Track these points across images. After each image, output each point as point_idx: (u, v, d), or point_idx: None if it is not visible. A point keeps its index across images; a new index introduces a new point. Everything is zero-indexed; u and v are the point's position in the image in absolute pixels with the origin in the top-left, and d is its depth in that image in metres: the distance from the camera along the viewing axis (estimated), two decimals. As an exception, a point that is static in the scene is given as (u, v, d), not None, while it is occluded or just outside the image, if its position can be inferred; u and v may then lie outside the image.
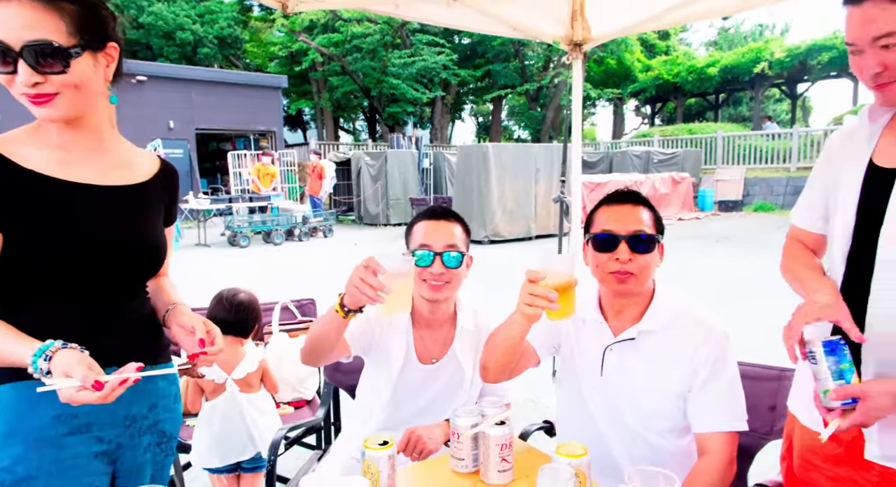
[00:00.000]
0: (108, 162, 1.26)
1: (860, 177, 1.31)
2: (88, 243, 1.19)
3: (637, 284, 1.54)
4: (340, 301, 1.47)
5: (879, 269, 1.25)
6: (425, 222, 1.80)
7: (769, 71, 23.04)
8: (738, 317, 5.49)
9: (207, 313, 2.38)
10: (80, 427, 1.20)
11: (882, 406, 1.17)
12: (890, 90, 1.21)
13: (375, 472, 1.29)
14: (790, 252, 1.53)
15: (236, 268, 9.50)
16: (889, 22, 1.14)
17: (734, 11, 2.99)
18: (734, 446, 1.51)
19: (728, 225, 14.05)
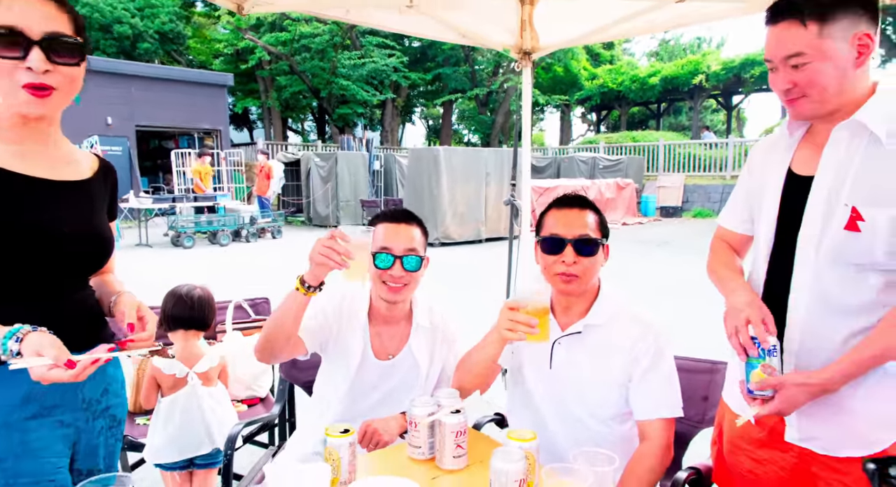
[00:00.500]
0: (55, 157, 1.29)
1: (780, 185, 1.45)
2: (43, 235, 1.21)
3: (581, 285, 1.66)
4: (300, 279, 1.56)
5: (798, 268, 1.38)
6: (386, 224, 1.84)
7: (706, 83, 24.11)
8: (676, 315, 5.77)
9: (162, 309, 2.37)
10: (44, 410, 1.23)
11: (796, 396, 1.31)
12: (799, 105, 1.34)
13: (337, 459, 1.34)
14: (715, 251, 1.67)
15: (181, 269, 9.25)
16: (797, 43, 1.26)
17: (672, 27, 3.18)
18: (671, 431, 1.64)
19: (668, 230, 14.63)
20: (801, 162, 1.43)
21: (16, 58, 1.12)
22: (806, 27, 1.25)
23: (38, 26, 1.14)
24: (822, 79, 1.27)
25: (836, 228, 1.31)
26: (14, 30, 1.12)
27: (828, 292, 1.35)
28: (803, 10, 1.25)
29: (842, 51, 1.25)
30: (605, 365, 1.66)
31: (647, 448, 1.62)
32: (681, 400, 1.66)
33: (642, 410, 1.64)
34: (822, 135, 1.39)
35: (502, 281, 4.45)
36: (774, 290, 1.44)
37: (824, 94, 1.29)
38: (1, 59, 1.12)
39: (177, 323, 2.37)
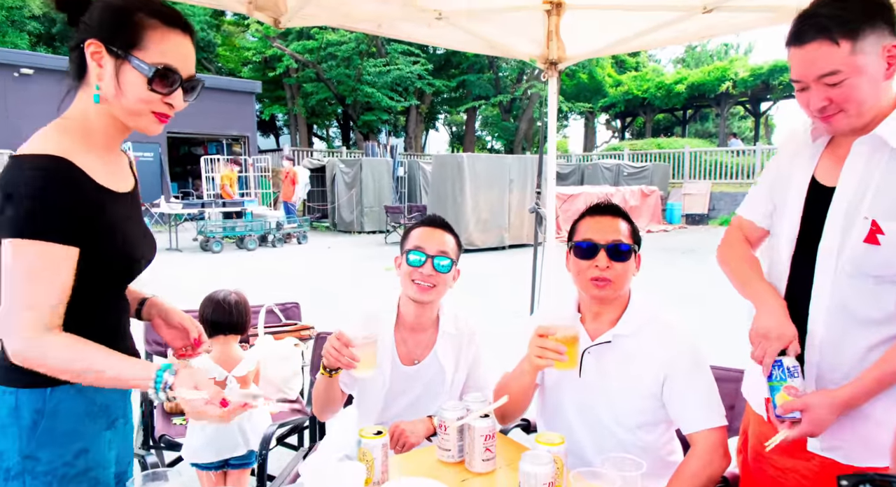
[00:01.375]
0: (119, 166, 1.34)
1: (803, 193, 1.46)
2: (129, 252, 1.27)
3: (614, 290, 1.67)
4: (323, 366, 1.76)
5: (818, 279, 1.40)
6: (422, 228, 1.93)
7: (734, 89, 23.82)
8: (700, 323, 5.73)
9: (200, 315, 2.45)
10: (112, 422, 1.30)
11: (823, 416, 1.32)
12: (836, 120, 1.33)
13: (370, 459, 1.40)
14: (731, 243, 1.66)
15: (210, 273, 9.44)
16: (830, 61, 1.26)
17: (700, 38, 3.19)
18: (722, 438, 1.61)
19: (694, 237, 14.46)
20: (824, 171, 1.44)
21: (162, 93, 1.21)
22: (839, 45, 1.25)
23: (187, 69, 1.23)
24: (859, 94, 1.28)
25: (855, 241, 1.33)
26: (177, 73, 1.21)
27: (848, 303, 1.36)
28: (832, 28, 1.25)
29: (874, 64, 1.26)
30: (634, 374, 1.67)
31: (694, 453, 1.61)
32: (723, 408, 1.65)
33: (689, 422, 1.63)
34: (843, 146, 1.40)
35: (526, 288, 4.48)
36: (795, 299, 1.45)
37: (861, 108, 1.30)
38: (155, 93, 1.20)
39: (216, 328, 2.44)
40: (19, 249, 1.10)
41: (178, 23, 1.21)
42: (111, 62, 1.18)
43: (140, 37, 1.17)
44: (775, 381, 1.36)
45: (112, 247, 1.22)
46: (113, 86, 1.18)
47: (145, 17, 1.18)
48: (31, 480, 1.17)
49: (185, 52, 1.23)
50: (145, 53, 1.18)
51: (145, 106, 1.21)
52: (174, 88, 1.22)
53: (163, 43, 1.19)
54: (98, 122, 1.23)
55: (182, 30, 1.22)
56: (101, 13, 1.19)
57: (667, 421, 1.73)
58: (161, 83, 1.20)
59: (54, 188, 1.11)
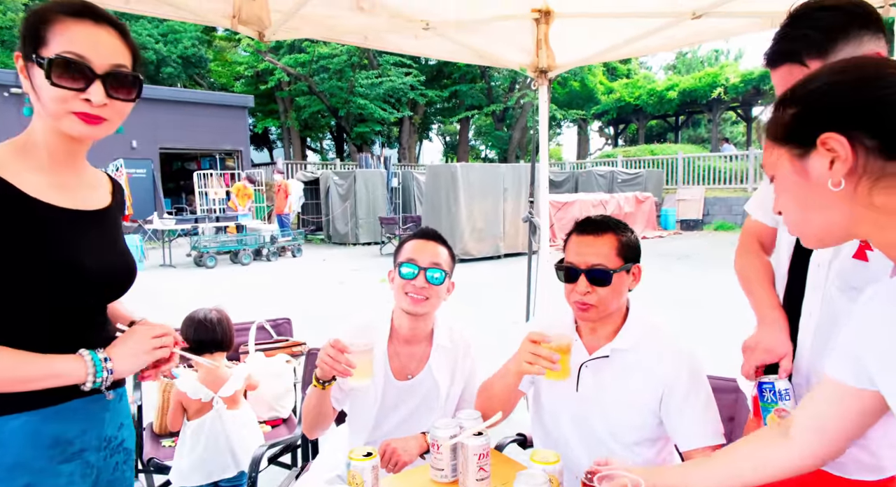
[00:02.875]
0: (85, 185, 1.28)
1: None
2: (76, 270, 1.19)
3: (597, 314, 1.62)
4: (315, 378, 1.73)
5: (808, 292, 1.37)
6: (415, 240, 1.90)
7: (725, 95, 23.99)
8: (697, 331, 5.70)
9: (183, 336, 2.38)
10: (73, 455, 1.21)
11: None
12: None
13: (360, 482, 1.35)
14: (745, 250, 1.61)
15: (205, 289, 9.37)
16: None
17: (689, 44, 3.19)
18: None
19: (689, 243, 14.49)
20: None
21: (76, 89, 1.11)
22: (808, 67, 1.21)
23: (104, 59, 1.13)
24: None
25: (844, 256, 1.30)
26: (82, 61, 1.11)
27: (836, 317, 1.33)
28: (799, 51, 1.22)
29: None
30: (632, 389, 1.63)
31: None
32: (721, 426, 1.62)
33: (687, 440, 1.60)
34: None
35: (521, 297, 4.44)
36: (790, 309, 1.42)
37: None
38: (61, 88, 1.10)
39: (200, 347, 2.40)
40: None
41: (86, 13, 1.13)
42: (32, 69, 1.13)
43: (43, 34, 1.11)
44: (767, 403, 1.34)
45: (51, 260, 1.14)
46: (33, 93, 1.13)
47: (50, 13, 1.12)
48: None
49: (96, 41, 1.13)
50: (47, 48, 1.11)
51: (59, 105, 1.12)
52: (86, 81, 1.12)
53: (65, 33, 1.11)
54: (43, 138, 1.18)
55: (94, 20, 1.14)
56: (22, 27, 1.15)
57: (665, 437, 1.70)
58: (64, 76, 1.10)
59: None
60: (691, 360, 1.64)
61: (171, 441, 2.57)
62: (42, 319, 1.17)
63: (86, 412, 1.24)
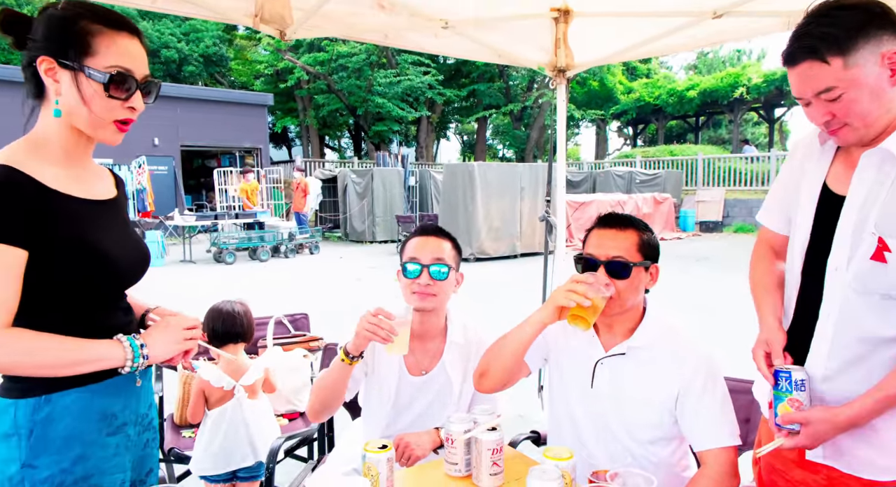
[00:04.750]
0: (95, 176, 1.35)
1: (815, 200, 1.42)
2: (105, 256, 1.25)
3: (615, 307, 1.61)
4: (344, 350, 1.71)
5: (826, 294, 1.36)
6: (417, 238, 1.91)
7: (747, 95, 23.65)
8: (714, 333, 5.64)
9: (206, 326, 2.45)
10: (118, 428, 1.30)
11: (822, 432, 1.30)
12: (843, 134, 1.30)
13: (375, 474, 1.37)
14: (757, 261, 1.63)
15: (224, 284, 9.49)
16: (825, 79, 1.23)
17: (711, 44, 3.16)
18: (732, 458, 1.58)
19: (708, 245, 14.33)
20: (835, 178, 1.40)
21: (121, 98, 1.20)
22: (829, 64, 1.22)
23: (141, 70, 1.23)
24: (860, 107, 1.24)
25: (862, 257, 1.29)
26: (130, 74, 1.20)
27: (855, 320, 1.32)
28: (819, 48, 1.22)
29: (873, 74, 1.22)
30: (648, 387, 1.63)
31: (704, 473, 1.57)
32: (737, 427, 1.61)
33: (700, 440, 1.59)
34: (856, 151, 1.35)
35: (537, 296, 4.44)
36: (805, 312, 1.42)
37: (867, 120, 1.26)
38: (110, 98, 1.19)
39: (223, 338, 2.46)
40: None
41: (123, 25, 1.20)
42: (67, 75, 1.17)
43: (88, 43, 1.17)
44: (781, 391, 1.34)
45: (80, 246, 1.21)
46: (75, 99, 1.18)
47: (89, 23, 1.17)
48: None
49: (135, 53, 1.22)
50: (96, 60, 1.17)
51: (108, 114, 1.21)
52: (132, 92, 1.22)
53: (112, 46, 1.18)
54: (55, 135, 1.23)
55: (129, 32, 1.21)
56: (45, 27, 1.18)
57: (680, 437, 1.69)
58: (117, 88, 1.19)
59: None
60: (709, 361, 1.63)
61: (191, 431, 2.62)
62: (71, 304, 1.23)
63: (126, 388, 1.32)
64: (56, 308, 1.21)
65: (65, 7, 1.19)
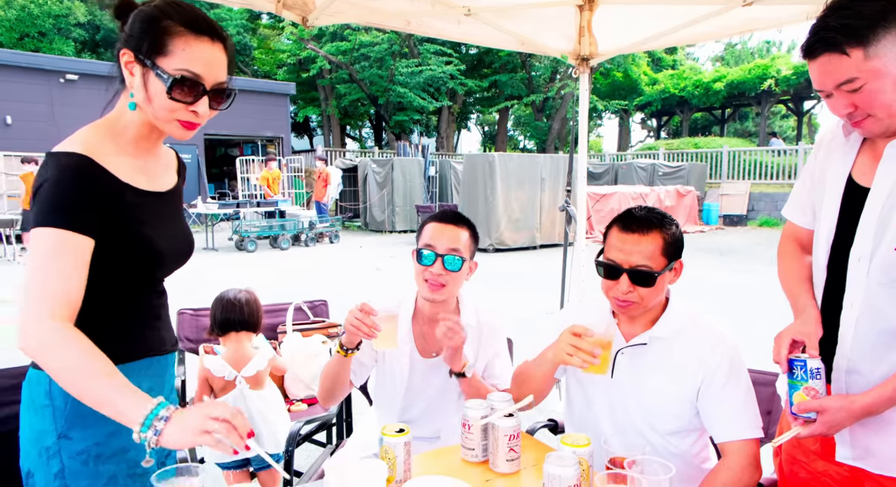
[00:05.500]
0: (161, 166, 1.38)
1: (840, 192, 1.40)
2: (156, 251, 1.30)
3: (638, 309, 1.60)
4: (339, 344, 1.76)
5: (850, 285, 1.35)
6: (434, 224, 1.88)
7: (776, 87, 23.16)
8: (736, 326, 5.58)
9: (212, 315, 2.47)
10: None
11: (838, 420, 1.29)
12: (867, 125, 1.29)
13: (392, 457, 1.38)
14: (784, 255, 1.62)
15: (246, 272, 9.62)
16: (845, 71, 1.22)
17: (740, 33, 3.10)
18: (754, 450, 1.56)
19: (732, 238, 14.13)
20: (860, 170, 1.39)
21: (186, 102, 1.21)
22: (849, 55, 1.21)
23: (213, 77, 1.23)
24: (884, 97, 1.22)
25: (886, 248, 1.28)
26: (197, 80, 1.20)
27: (878, 311, 1.31)
28: (839, 40, 1.20)
29: (895, 64, 1.20)
30: (670, 378, 1.62)
31: (725, 464, 1.55)
32: (759, 419, 1.59)
33: (722, 431, 1.57)
34: (880, 144, 1.34)
35: (555, 287, 4.43)
36: (830, 304, 1.41)
37: (891, 110, 1.24)
38: (171, 99, 1.19)
39: (227, 326, 2.46)
40: (38, 237, 1.14)
41: (206, 30, 1.21)
42: (140, 70, 1.20)
43: (164, 44, 1.18)
44: (797, 380, 1.33)
45: (139, 243, 1.25)
46: (143, 94, 1.21)
47: (172, 24, 1.18)
48: (67, 459, 1.21)
49: (210, 60, 1.22)
50: (168, 61, 1.18)
51: (169, 114, 1.22)
52: (197, 97, 1.22)
53: (187, 50, 1.19)
54: (130, 126, 1.27)
55: (211, 37, 1.21)
56: (133, 22, 1.21)
57: (701, 429, 1.67)
58: (181, 91, 1.19)
59: (73, 182, 1.16)
60: (734, 351, 1.61)
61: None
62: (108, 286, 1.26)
63: (154, 369, 1.35)
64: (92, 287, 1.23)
65: (157, 5, 1.21)
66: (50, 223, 1.13)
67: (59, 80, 15.40)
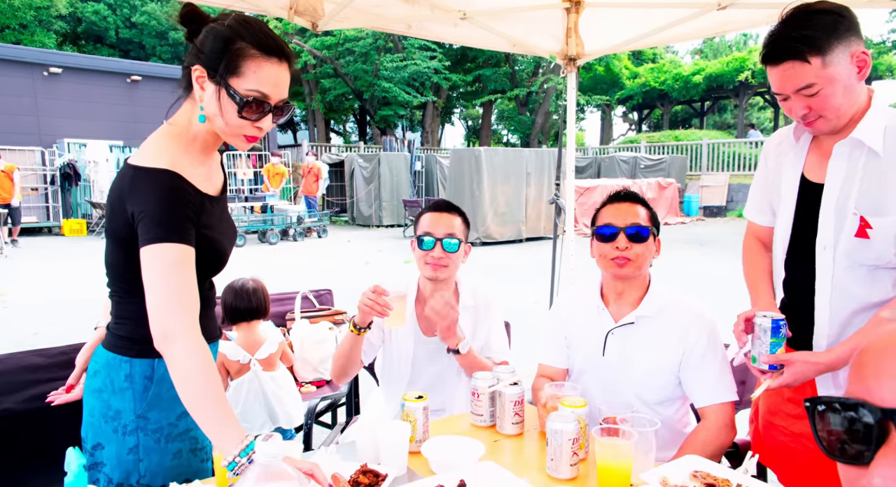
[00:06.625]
0: (215, 170, 1.49)
1: (795, 190, 1.60)
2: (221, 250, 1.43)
3: (634, 269, 1.79)
4: (352, 323, 1.90)
5: (819, 273, 1.53)
6: (430, 213, 2.09)
7: (752, 80, 23.60)
8: (716, 311, 5.81)
9: (222, 302, 2.62)
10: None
11: (803, 370, 1.47)
12: (818, 124, 1.48)
13: (413, 420, 1.56)
14: (748, 252, 1.81)
15: (236, 267, 9.66)
16: (805, 77, 1.39)
17: (717, 33, 3.29)
18: (730, 412, 1.74)
19: (712, 229, 14.47)
20: (811, 168, 1.57)
21: (251, 120, 1.30)
22: (810, 63, 1.37)
23: (278, 96, 1.31)
24: (835, 100, 1.41)
25: (847, 235, 1.47)
26: (265, 100, 1.28)
27: (849, 292, 1.49)
28: (801, 49, 1.37)
29: (845, 71, 1.39)
30: (656, 352, 1.79)
31: (704, 425, 1.74)
32: (734, 385, 1.77)
33: (702, 397, 1.74)
34: (826, 142, 1.53)
35: (542, 279, 4.60)
36: (797, 291, 1.59)
37: (839, 112, 1.43)
38: (241, 118, 1.28)
39: (238, 314, 2.62)
40: (164, 251, 1.23)
41: (275, 51, 1.28)
42: (212, 87, 1.28)
43: (238, 65, 1.26)
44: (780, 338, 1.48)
45: (209, 245, 1.37)
46: (214, 109, 1.30)
47: (246, 46, 1.26)
48: (143, 436, 1.36)
49: (278, 80, 1.30)
50: (240, 81, 1.26)
51: (237, 130, 1.31)
52: (263, 115, 1.30)
53: (259, 71, 1.27)
54: (199, 136, 1.37)
55: (279, 58, 1.29)
56: (208, 40, 1.28)
57: (683, 397, 1.86)
58: (251, 111, 1.28)
59: (174, 199, 1.27)
60: (710, 325, 1.80)
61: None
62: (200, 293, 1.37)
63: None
64: None
65: (231, 24, 1.28)
66: (170, 239, 1.23)
67: (43, 72, 15.26)
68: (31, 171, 13.93)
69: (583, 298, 1.94)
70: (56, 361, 1.92)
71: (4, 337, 5.41)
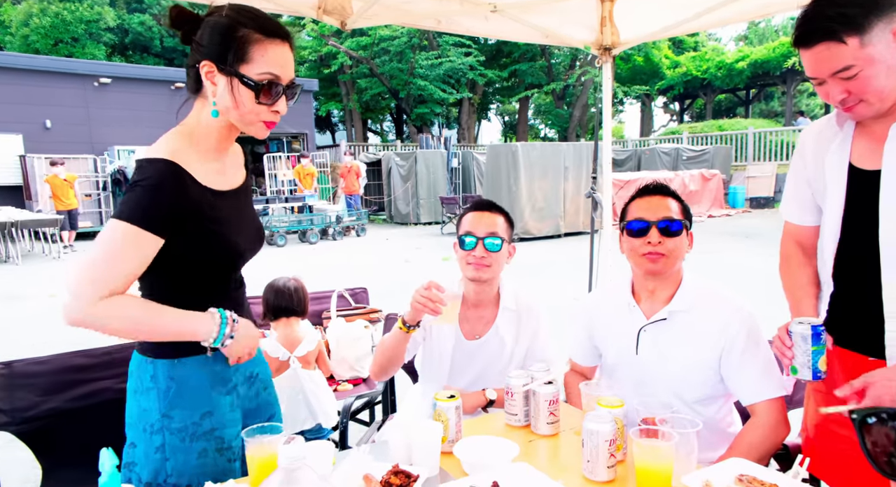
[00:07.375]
0: (233, 165, 1.49)
1: (843, 180, 1.46)
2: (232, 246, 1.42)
3: (667, 265, 1.72)
4: (402, 320, 1.87)
5: (885, 267, 1.38)
6: (472, 213, 2.04)
7: (800, 66, 22.67)
8: (762, 306, 5.61)
9: (264, 301, 2.67)
10: (231, 389, 1.48)
11: (889, 389, 1.32)
12: (859, 109, 1.36)
13: (445, 420, 1.54)
14: (788, 261, 1.68)
15: (277, 266, 9.88)
16: (841, 59, 1.28)
17: (762, 16, 3.14)
18: (781, 408, 1.65)
19: (759, 221, 14.00)
20: (860, 156, 1.44)
21: (268, 104, 1.31)
22: (846, 43, 1.26)
23: (288, 75, 1.32)
24: (877, 82, 1.29)
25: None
26: (278, 81, 1.30)
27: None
28: (836, 29, 1.26)
29: (886, 51, 1.27)
30: (692, 349, 1.72)
31: (753, 423, 1.66)
32: (782, 379, 1.67)
33: (749, 394, 1.67)
34: (878, 127, 1.40)
35: (581, 274, 4.53)
36: (848, 287, 1.47)
37: (882, 95, 1.31)
38: (258, 103, 1.29)
39: (278, 312, 2.67)
40: (111, 226, 1.24)
41: (277, 33, 1.30)
42: (223, 79, 1.29)
43: (246, 52, 1.27)
44: (821, 345, 1.39)
45: (216, 239, 1.37)
46: (229, 100, 1.30)
47: (248, 31, 1.27)
48: (168, 435, 1.38)
49: (284, 60, 1.31)
50: (251, 67, 1.27)
51: (256, 117, 1.32)
52: (278, 97, 1.31)
53: (266, 54, 1.28)
54: (211, 132, 1.37)
55: (281, 38, 1.30)
56: (210, 34, 1.29)
57: (726, 395, 1.79)
58: (266, 94, 1.29)
59: (164, 185, 1.26)
60: (749, 319, 1.72)
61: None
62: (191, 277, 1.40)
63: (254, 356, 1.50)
64: (178, 278, 1.37)
65: (228, 14, 1.28)
66: (125, 218, 1.22)
67: (94, 83, 15.88)
68: (85, 178, 14.50)
69: (613, 295, 1.89)
70: (100, 361, 1.97)
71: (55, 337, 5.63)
